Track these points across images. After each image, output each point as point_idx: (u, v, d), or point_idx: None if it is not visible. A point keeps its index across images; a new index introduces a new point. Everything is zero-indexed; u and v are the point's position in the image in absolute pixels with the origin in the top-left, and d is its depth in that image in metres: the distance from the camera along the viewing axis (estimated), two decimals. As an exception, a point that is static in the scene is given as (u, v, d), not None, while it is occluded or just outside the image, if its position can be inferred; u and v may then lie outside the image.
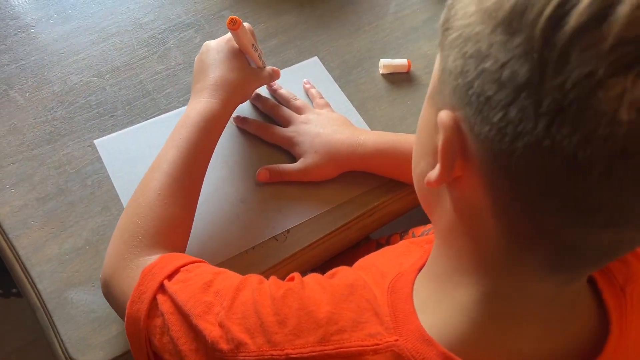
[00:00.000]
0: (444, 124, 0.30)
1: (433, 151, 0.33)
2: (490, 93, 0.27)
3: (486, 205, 0.31)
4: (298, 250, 0.59)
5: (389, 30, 0.77)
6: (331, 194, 0.62)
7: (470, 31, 0.27)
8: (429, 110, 0.34)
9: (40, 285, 0.55)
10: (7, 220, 0.58)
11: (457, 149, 0.30)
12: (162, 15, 0.75)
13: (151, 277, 0.44)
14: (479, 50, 0.27)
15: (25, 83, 0.67)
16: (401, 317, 0.35)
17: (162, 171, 0.52)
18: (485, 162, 0.29)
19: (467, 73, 0.28)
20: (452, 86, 0.29)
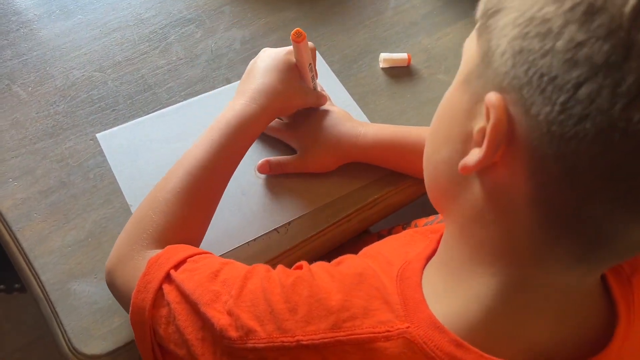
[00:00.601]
0: (495, 106, 0.29)
1: (463, 137, 0.33)
2: (558, 73, 0.26)
3: (525, 192, 0.30)
4: (299, 242, 0.60)
5: (389, 24, 0.77)
6: (332, 187, 0.63)
7: (537, 11, 0.27)
8: (461, 95, 0.33)
9: (44, 277, 0.56)
10: (10, 213, 0.59)
11: (505, 133, 0.29)
12: (163, 10, 0.75)
13: (157, 267, 0.44)
14: (549, 30, 0.26)
15: (27, 78, 0.68)
16: (411, 305, 0.35)
17: (184, 169, 0.52)
18: (535, 147, 0.28)
19: (530, 52, 0.27)
20: (504, 67, 0.29)
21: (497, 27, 0.30)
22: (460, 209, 0.35)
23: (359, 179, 0.64)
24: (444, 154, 0.35)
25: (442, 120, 0.36)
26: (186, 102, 0.68)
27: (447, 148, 0.35)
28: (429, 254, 0.40)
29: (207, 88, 0.69)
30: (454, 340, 0.33)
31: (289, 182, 0.63)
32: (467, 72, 0.33)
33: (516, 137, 0.29)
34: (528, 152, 0.29)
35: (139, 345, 0.45)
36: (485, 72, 0.31)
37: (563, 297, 0.34)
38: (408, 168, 0.62)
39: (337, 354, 0.34)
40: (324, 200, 0.62)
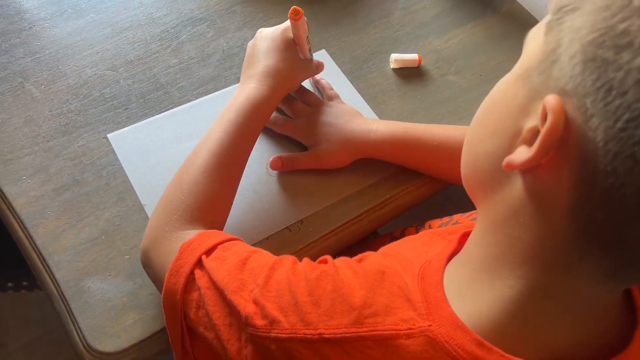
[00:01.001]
0: (554, 110, 0.28)
1: (511, 133, 0.32)
2: (629, 89, 0.25)
3: (566, 201, 0.30)
4: (312, 241, 0.60)
5: (399, 25, 0.78)
6: (344, 184, 0.63)
7: (619, 21, 0.26)
8: (517, 89, 0.32)
9: (58, 274, 0.56)
10: (24, 210, 0.59)
11: (559, 138, 0.29)
12: (175, 10, 0.76)
13: (190, 252, 0.45)
14: (629, 44, 0.26)
15: (40, 76, 0.68)
16: (433, 303, 0.36)
17: (207, 149, 0.53)
18: (587, 158, 0.28)
19: (603, 62, 0.26)
20: (571, 71, 0.28)
21: (572, 27, 0.28)
22: (496, 204, 0.35)
23: (371, 176, 0.64)
24: (488, 147, 0.34)
25: (492, 111, 0.35)
26: (198, 101, 0.68)
27: (492, 141, 0.34)
28: (450, 253, 0.40)
29: (218, 87, 0.69)
30: (475, 339, 0.33)
31: (300, 179, 0.63)
32: (527, 66, 0.32)
33: (569, 144, 0.28)
34: (578, 161, 0.28)
35: (169, 326, 0.46)
36: (548, 70, 0.30)
37: (587, 307, 0.34)
38: (419, 164, 0.63)
39: (358, 348, 0.35)
40: (335, 197, 0.62)
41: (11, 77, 0.68)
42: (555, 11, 0.30)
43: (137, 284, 0.56)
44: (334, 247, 0.61)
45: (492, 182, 0.35)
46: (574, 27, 0.28)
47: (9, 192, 0.60)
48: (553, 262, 0.32)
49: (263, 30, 0.62)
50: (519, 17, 0.80)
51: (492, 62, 0.75)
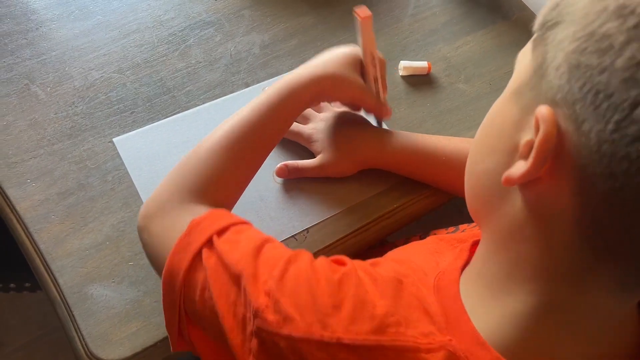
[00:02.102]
0: (545, 119, 0.29)
1: (509, 149, 0.32)
2: (615, 91, 0.26)
3: (569, 210, 0.30)
4: (317, 251, 0.59)
5: (408, 32, 0.77)
6: (350, 193, 0.62)
7: (598, 26, 0.27)
8: (511, 107, 0.33)
9: (61, 280, 0.55)
10: (28, 214, 0.58)
11: (553, 147, 0.29)
12: (183, 13, 0.75)
13: (200, 230, 0.43)
14: (609, 46, 0.26)
15: (46, 78, 0.67)
16: (452, 317, 0.35)
17: (231, 124, 0.52)
18: (584, 164, 0.28)
19: (587, 68, 0.27)
20: (558, 81, 0.29)
21: (555, 40, 0.29)
22: (499, 221, 0.35)
23: (378, 185, 0.63)
24: (488, 165, 0.35)
25: (489, 131, 0.36)
26: (204, 106, 0.67)
27: (491, 159, 0.34)
28: (463, 264, 0.40)
29: (226, 92, 0.69)
30: (496, 357, 0.33)
31: (307, 187, 0.62)
32: (519, 83, 0.33)
33: (565, 153, 0.29)
34: (576, 168, 0.28)
35: (165, 306, 0.45)
36: (538, 85, 0.30)
37: (602, 320, 0.33)
38: (428, 176, 0.62)
39: (377, 357, 0.34)
40: (342, 206, 0.62)
41: (17, 78, 0.67)
42: (539, 28, 0.32)
43: (141, 291, 0.55)
44: (340, 257, 0.60)
45: (494, 200, 0.35)
46: (557, 39, 0.29)
47: (13, 196, 0.59)
48: (563, 274, 0.32)
49: (339, 47, 0.59)
50: (530, 25, 0.79)
51: (502, 70, 0.75)
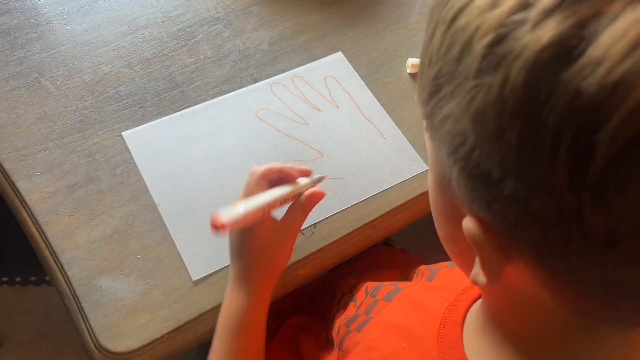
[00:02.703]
0: (474, 238, 0.27)
1: (462, 241, 0.29)
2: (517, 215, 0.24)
3: (541, 290, 0.28)
4: (324, 246, 0.60)
5: (416, 30, 0.77)
6: (358, 190, 0.63)
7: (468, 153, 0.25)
8: (442, 201, 0.31)
9: (70, 272, 0.56)
10: (37, 206, 0.59)
11: (499, 254, 0.27)
12: (192, 8, 0.75)
13: None
14: (488, 176, 0.24)
15: (56, 71, 0.68)
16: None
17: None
18: (531, 263, 0.27)
19: (481, 192, 0.25)
20: (467, 197, 0.27)
21: (440, 150, 0.27)
22: (487, 298, 0.35)
23: (385, 182, 0.63)
24: (453, 249, 0.34)
25: (436, 218, 0.34)
26: (213, 101, 0.68)
27: (452, 245, 0.33)
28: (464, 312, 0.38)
29: (234, 87, 0.69)
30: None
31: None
32: (436, 177, 0.31)
33: (512, 255, 0.27)
34: (527, 266, 0.27)
35: None
36: (451, 189, 0.28)
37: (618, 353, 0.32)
38: None
39: None
40: (349, 202, 0.62)
41: (27, 72, 0.67)
42: (424, 119, 0.29)
43: (149, 283, 0.56)
44: (347, 253, 0.61)
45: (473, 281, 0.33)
46: (441, 153, 0.28)
47: (23, 188, 0.59)
48: (570, 332, 0.31)
49: None
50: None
51: (509, 69, 0.75)
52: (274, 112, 0.67)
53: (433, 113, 0.27)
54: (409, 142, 0.67)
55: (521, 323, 0.33)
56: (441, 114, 0.26)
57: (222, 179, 0.62)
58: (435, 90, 0.27)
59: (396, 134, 0.67)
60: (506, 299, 0.32)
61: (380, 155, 0.65)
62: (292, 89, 0.69)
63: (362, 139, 0.66)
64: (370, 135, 0.66)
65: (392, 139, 0.66)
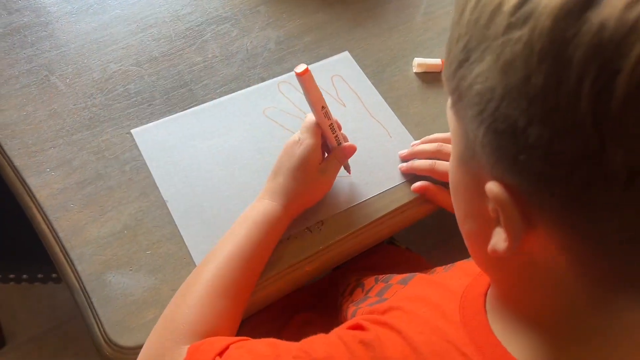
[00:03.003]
0: (499, 199, 0.28)
1: (481, 215, 0.31)
2: (543, 168, 0.25)
3: (562, 264, 0.29)
4: (332, 243, 0.60)
5: (422, 30, 0.78)
6: (365, 187, 0.63)
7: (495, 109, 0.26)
8: (463, 175, 0.32)
9: (80, 267, 0.56)
10: (47, 202, 0.59)
11: (522, 219, 0.28)
12: (200, 8, 0.76)
13: (201, 354, 0.43)
14: (515, 127, 0.26)
15: (66, 69, 0.68)
16: (488, 352, 0.34)
17: (216, 263, 0.52)
18: (553, 226, 0.27)
19: (507, 148, 0.26)
20: (491, 159, 0.28)
21: (467, 117, 0.29)
22: (499, 275, 0.35)
23: (393, 179, 0.64)
24: (471, 227, 0.34)
25: (456, 195, 0.35)
26: (221, 99, 0.68)
27: (470, 222, 0.34)
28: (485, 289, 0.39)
29: (242, 86, 0.70)
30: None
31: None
32: (459, 152, 0.32)
33: (533, 218, 0.28)
34: (549, 230, 0.28)
35: None
36: (475, 157, 0.30)
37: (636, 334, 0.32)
38: None
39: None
40: (357, 199, 0.62)
41: (37, 69, 0.68)
42: (449, 94, 0.31)
43: (159, 279, 0.56)
44: (354, 250, 0.61)
45: (487, 258, 0.34)
46: (468, 116, 0.29)
47: (33, 184, 0.60)
48: (581, 310, 0.31)
49: (287, 144, 0.59)
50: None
51: (515, 69, 0.75)
52: (281, 111, 0.68)
53: (461, 82, 0.29)
54: (415, 141, 0.67)
55: (532, 302, 0.33)
56: (470, 77, 0.28)
57: (230, 175, 0.62)
58: (464, 58, 0.28)
59: (402, 132, 0.67)
60: (519, 275, 0.33)
61: (387, 154, 0.65)
62: (299, 87, 0.69)
63: (368, 138, 0.66)
64: (376, 134, 0.67)
65: (398, 137, 0.67)
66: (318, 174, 0.58)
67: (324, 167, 0.59)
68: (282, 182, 0.57)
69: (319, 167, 0.58)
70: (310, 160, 0.57)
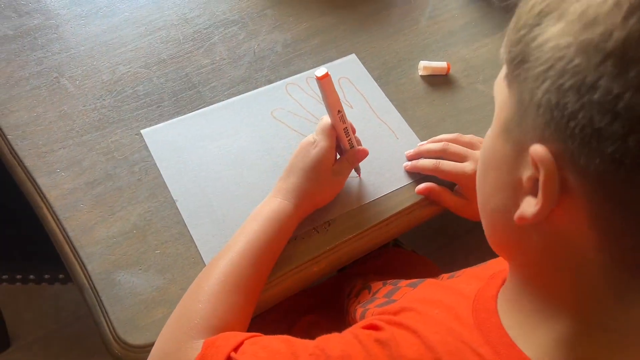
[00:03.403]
0: (543, 160, 0.29)
1: (513, 185, 0.32)
2: (601, 124, 0.26)
3: (589, 239, 0.30)
4: (339, 243, 0.60)
5: (428, 33, 0.78)
6: (372, 187, 0.64)
7: (567, 64, 0.27)
8: (503, 144, 0.33)
9: (89, 266, 0.57)
10: (57, 202, 0.60)
11: (558, 185, 0.29)
12: (208, 11, 0.77)
13: (216, 349, 0.44)
14: (582, 82, 0.26)
15: (75, 71, 0.69)
16: (503, 352, 0.34)
17: (228, 259, 0.53)
18: (592, 195, 0.28)
19: (567, 105, 0.27)
20: (543, 119, 0.29)
21: (528, 78, 0.29)
22: (522, 257, 0.35)
23: (401, 179, 0.64)
24: (497, 202, 0.35)
25: (488, 169, 0.36)
26: (229, 100, 0.69)
27: (498, 197, 0.35)
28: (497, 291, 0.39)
29: (249, 88, 0.70)
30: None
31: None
32: (504, 119, 0.33)
33: (570, 185, 0.29)
34: (585, 200, 0.28)
35: None
36: (523, 122, 0.30)
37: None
38: None
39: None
40: (364, 200, 0.63)
41: (47, 71, 0.69)
42: (508, 63, 0.31)
43: (167, 279, 0.57)
44: (361, 251, 0.62)
45: (513, 236, 0.35)
46: (530, 77, 0.29)
47: (43, 184, 0.61)
48: (600, 297, 0.32)
49: (302, 144, 0.59)
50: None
51: (520, 72, 0.76)
52: (289, 112, 0.68)
53: (530, 44, 0.29)
54: (421, 142, 0.68)
55: (554, 286, 0.33)
56: (541, 38, 0.29)
57: (239, 175, 0.63)
58: (536, 23, 0.29)
59: (409, 134, 0.68)
60: (543, 253, 0.33)
61: (394, 155, 0.66)
62: (307, 89, 0.70)
63: (375, 139, 0.67)
64: (383, 135, 0.68)
65: (405, 139, 0.68)
66: (331, 175, 0.59)
67: (336, 168, 0.60)
68: (295, 182, 0.58)
69: (332, 169, 0.59)
70: (324, 162, 0.58)
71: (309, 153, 0.58)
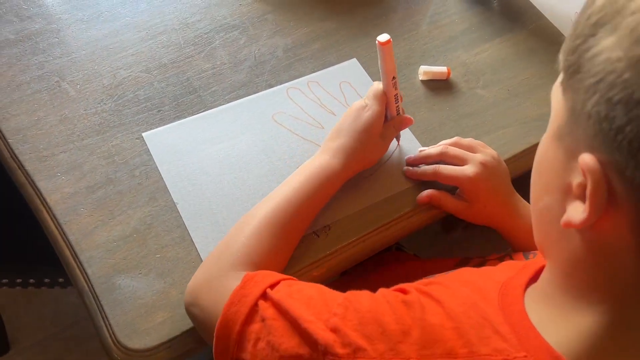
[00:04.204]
0: (591, 169, 0.30)
1: (562, 189, 0.33)
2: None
3: (631, 244, 0.31)
4: (339, 247, 0.60)
5: (428, 38, 0.79)
6: (372, 191, 0.64)
7: (617, 78, 0.28)
8: (555, 150, 0.34)
9: (89, 270, 0.57)
10: (57, 206, 0.60)
11: (605, 194, 0.30)
12: (209, 16, 0.77)
13: (254, 283, 0.46)
14: (630, 97, 0.27)
15: (76, 75, 0.69)
16: (522, 333, 0.36)
17: (274, 202, 0.55)
18: (636, 204, 0.29)
19: (615, 119, 0.28)
20: (592, 130, 0.30)
21: (580, 88, 0.30)
22: (562, 254, 0.36)
23: (401, 183, 0.65)
24: (546, 202, 0.36)
25: (541, 170, 0.37)
26: (230, 104, 0.69)
27: (547, 197, 0.36)
28: (526, 280, 0.40)
29: (250, 93, 0.70)
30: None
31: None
32: (557, 126, 0.34)
33: (617, 195, 0.30)
34: (629, 209, 0.29)
35: (217, 357, 0.46)
36: (575, 131, 0.32)
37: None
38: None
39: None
40: (364, 203, 0.63)
41: (48, 75, 0.69)
42: (563, 71, 0.32)
43: (167, 282, 0.57)
44: (361, 254, 0.62)
45: (555, 236, 0.36)
46: (582, 88, 0.30)
47: (44, 188, 0.61)
48: (632, 296, 0.33)
49: (354, 106, 0.62)
50: (547, 34, 0.81)
51: (520, 77, 0.76)
52: (290, 116, 0.69)
53: (584, 54, 0.30)
54: (422, 146, 0.68)
55: (589, 283, 0.34)
56: (595, 49, 0.29)
57: (240, 179, 0.63)
58: (591, 33, 0.30)
59: (410, 138, 0.68)
60: (585, 252, 0.34)
61: (394, 159, 0.66)
62: (308, 93, 0.71)
63: (375, 144, 0.67)
64: (383, 140, 0.68)
65: (406, 143, 0.68)
66: (378, 139, 0.62)
67: (384, 133, 0.62)
68: (344, 142, 0.60)
69: (380, 133, 0.62)
70: (374, 125, 0.60)
71: (361, 116, 0.61)
